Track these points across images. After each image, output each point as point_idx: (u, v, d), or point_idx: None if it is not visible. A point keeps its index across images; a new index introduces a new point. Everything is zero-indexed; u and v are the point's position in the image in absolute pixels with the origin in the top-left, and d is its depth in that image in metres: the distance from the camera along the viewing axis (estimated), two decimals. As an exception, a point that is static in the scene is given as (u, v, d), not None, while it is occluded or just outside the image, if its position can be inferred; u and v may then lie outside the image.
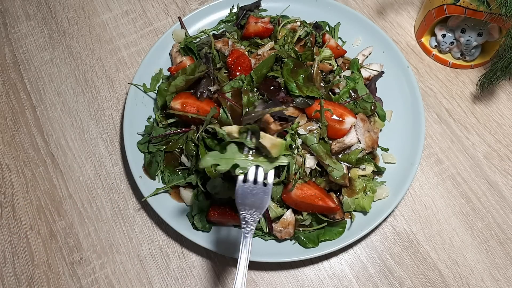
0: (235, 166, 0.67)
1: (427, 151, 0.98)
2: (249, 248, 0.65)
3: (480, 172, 0.96)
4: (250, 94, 0.86)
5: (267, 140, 0.69)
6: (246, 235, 0.66)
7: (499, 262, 0.89)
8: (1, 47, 1.15)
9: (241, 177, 0.69)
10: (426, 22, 1.03)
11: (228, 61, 0.92)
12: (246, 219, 0.67)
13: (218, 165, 0.67)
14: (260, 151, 0.70)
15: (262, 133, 0.69)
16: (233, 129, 0.69)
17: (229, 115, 0.86)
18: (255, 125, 0.70)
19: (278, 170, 0.83)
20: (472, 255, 0.90)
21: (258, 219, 0.67)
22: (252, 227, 0.66)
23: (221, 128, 0.69)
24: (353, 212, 0.88)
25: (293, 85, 0.86)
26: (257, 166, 0.70)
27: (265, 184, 0.69)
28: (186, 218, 0.90)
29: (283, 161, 0.71)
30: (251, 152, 0.70)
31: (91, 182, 1.00)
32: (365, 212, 0.88)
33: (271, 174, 0.70)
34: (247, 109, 0.83)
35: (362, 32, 1.04)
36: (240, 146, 0.70)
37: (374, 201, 0.88)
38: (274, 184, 0.84)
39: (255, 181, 0.69)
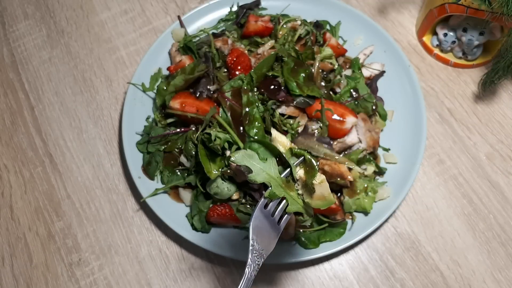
0: (267, 186, 0.58)
1: (428, 151, 0.98)
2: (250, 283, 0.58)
3: (482, 172, 0.95)
4: (250, 94, 0.85)
5: (322, 188, 0.59)
6: (253, 269, 0.59)
7: (501, 263, 0.89)
8: (0, 46, 1.14)
9: (264, 201, 0.61)
10: (427, 21, 1.02)
11: (228, 60, 0.92)
12: (255, 250, 0.59)
13: (249, 170, 0.59)
14: (298, 186, 0.61)
15: (323, 177, 0.60)
16: (284, 142, 0.63)
17: (228, 115, 0.85)
18: (313, 159, 0.61)
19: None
20: (474, 256, 0.89)
21: (262, 260, 0.60)
22: (258, 263, 0.60)
23: (270, 133, 0.62)
24: (354, 213, 0.88)
25: (293, 84, 0.86)
26: (283, 199, 0.61)
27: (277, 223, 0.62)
28: (185, 219, 0.89)
29: (309, 210, 0.60)
30: (290, 181, 0.61)
31: (89, 183, 0.99)
32: (366, 213, 0.88)
33: (287, 218, 0.62)
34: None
35: (363, 31, 1.03)
36: (284, 165, 0.61)
37: (375, 202, 0.88)
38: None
39: (272, 213, 0.61)
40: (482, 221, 0.92)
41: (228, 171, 0.83)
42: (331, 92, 0.92)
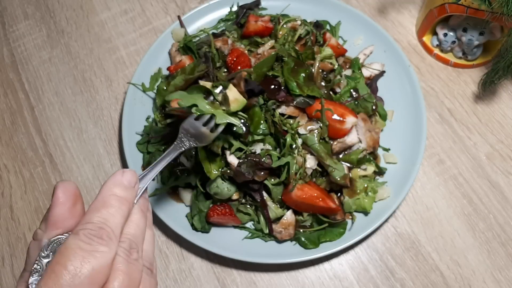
0: (194, 106, 0.71)
1: (428, 151, 0.98)
2: (170, 157, 0.63)
3: (482, 172, 0.95)
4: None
5: (233, 93, 0.74)
6: (177, 146, 0.66)
7: (501, 263, 0.89)
8: (0, 46, 1.14)
9: (194, 115, 0.72)
10: (427, 21, 1.02)
11: (228, 60, 0.92)
12: (182, 139, 0.68)
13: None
14: (221, 104, 0.75)
15: (231, 85, 0.75)
16: (207, 83, 0.77)
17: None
18: (227, 83, 0.77)
19: (279, 170, 0.83)
20: (474, 256, 0.89)
21: (192, 145, 0.68)
22: (185, 145, 0.67)
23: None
24: (354, 213, 0.88)
25: (293, 84, 0.86)
26: (212, 115, 0.73)
27: (211, 132, 0.72)
28: (185, 218, 0.89)
29: (236, 121, 0.74)
30: (214, 102, 0.75)
31: (89, 183, 0.99)
32: (366, 213, 0.88)
33: (220, 127, 0.73)
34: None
35: (363, 31, 1.03)
36: (207, 95, 0.76)
37: (375, 202, 0.87)
38: (274, 184, 0.84)
39: (205, 124, 0.72)
40: (482, 221, 0.92)
41: (228, 171, 0.83)
42: (331, 92, 0.92)
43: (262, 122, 0.82)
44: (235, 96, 0.75)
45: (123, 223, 0.48)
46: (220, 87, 0.76)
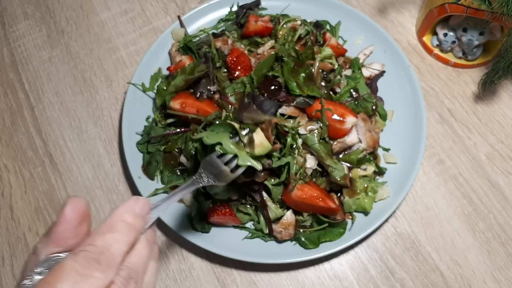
0: (219, 143, 0.71)
1: (428, 151, 0.98)
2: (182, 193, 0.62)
3: (482, 172, 0.95)
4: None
5: (259, 137, 0.73)
6: (196, 181, 0.65)
7: (500, 263, 0.89)
8: (0, 46, 1.14)
9: (217, 152, 0.71)
10: (427, 21, 1.02)
11: (228, 60, 0.92)
12: (202, 174, 0.67)
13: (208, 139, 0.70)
14: (245, 146, 0.74)
15: (258, 129, 0.74)
16: (236, 124, 0.75)
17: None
18: (255, 126, 0.75)
19: (279, 171, 0.83)
20: (474, 256, 0.89)
21: (210, 182, 0.67)
22: (203, 181, 0.66)
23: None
24: (354, 213, 0.88)
25: (293, 84, 0.86)
26: (235, 156, 0.72)
27: (231, 172, 0.71)
28: (185, 218, 0.89)
29: (258, 165, 0.72)
30: (239, 143, 0.74)
31: (89, 183, 0.99)
32: (366, 213, 0.88)
33: (241, 169, 0.71)
34: (245, 100, 0.86)
35: (363, 31, 1.03)
36: (234, 134, 0.75)
37: (375, 202, 0.87)
38: (274, 184, 0.84)
39: (226, 164, 0.71)
40: (482, 221, 0.92)
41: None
42: (331, 92, 0.92)
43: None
44: (261, 140, 0.74)
45: (127, 251, 0.46)
46: (247, 129, 0.75)
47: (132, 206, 0.49)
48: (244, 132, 0.75)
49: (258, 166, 0.72)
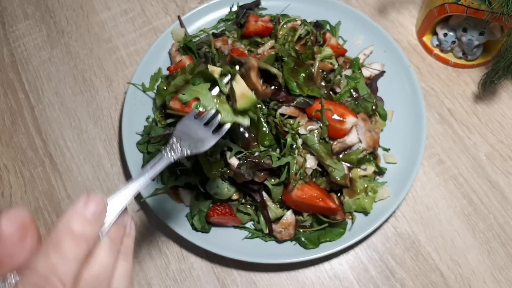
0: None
1: (428, 151, 0.98)
2: (154, 171, 0.54)
3: (482, 172, 0.95)
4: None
5: (240, 86, 0.63)
6: (165, 156, 0.56)
7: (500, 263, 0.89)
8: (0, 46, 1.14)
9: (194, 112, 0.62)
10: (427, 21, 1.02)
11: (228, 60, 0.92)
12: (173, 145, 0.58)
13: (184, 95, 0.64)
14: (229, 99, 0.64)
15: (238, 76, 0.64)
16: (216, 69, 0.65)
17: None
18: (236, 69, 0.65)
19: (279, 171, 0.83)
20: (474, 256, 0.89)
21: (185, 153, 0.58)
22: (176, 153, 0.57)
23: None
24: (354, 213, 0.88)
25: (293, 84, 0.86)
26: (217, 112, 0.63)
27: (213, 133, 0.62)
28: (185, 219, 0.89)
29: (244, 120, 0.63)
30: (220, 96, 0.64)
31: (89, 183, 0.99)
32: (366, 213, 0.88)
33: (226, 126, 0.63)
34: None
35: (363, 31, 1.03)
36: (213, 86, 0.65)
37: (375, 202, 0.87)
38: (273, 184, 0.84)
39: (206, 123, 0.62)
40: (482, 221, 0.92)
41: (228, 171, 0.83)
42: (331, 92, 0.92)
43: (267, 132, 0.82)
44: (242, 90, 0.63)
45: (79, 266, 0.39)
46: (229, 76, 0.65)
47: (80, 211, 0.41)
48: (225, 80, 0.65)
49: (245, 122, 0.63)
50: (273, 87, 0.86)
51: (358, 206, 0.86)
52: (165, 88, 0.93)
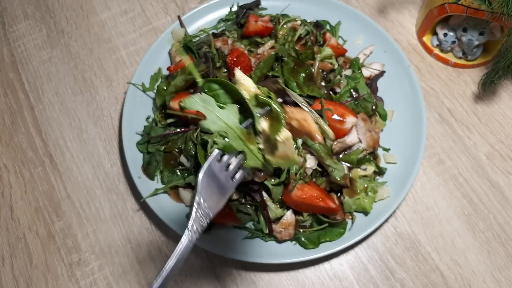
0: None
1: (428, 151, 0.98)
2: (182, 254, 0.52)
3: (482, 172, 0.95)
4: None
5: (286, 145, 0.50)
6: (188, 236, 0.52)
7: (500, 263, 0.89)
8: (0, 46, 1.14)
9: (217, 153, 0.53)
10: (427, 21, 1.02)
11: (228, 60, 0.92)
12: (200, 209, 0.53)
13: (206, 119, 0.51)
14: (260, 140, 0.53)
15: (287, 132, 0.51)
16: (249, 87, 0.52)
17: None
18: (279, 105, 0.52)
19: (279, 171, 0.83)
20: (474, 256, 0.89)
21: (205, 224, 0.53)
22: (202, 225, 0.53)
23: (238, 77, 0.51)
24: (354, 213, 0.88)
25: (293, 84, 0.86)
26: (240, 153, 0.53)
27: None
28: (185, 219, 0.89)
29: (270, 168, 0.53)
30: (250, 133, 0.52)
31: (89, 183, 0.99)
32: (366, 213, 0.88)
33: (242, 174, 0.54)
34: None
35: (363, 31, 1.03)
36: (244, 114, 0.52)
37: (375, 202, 0.87)
38: (274, 184, 0.84)
39: (227, 168, 0.54)
40: (482, 221, 0.92)
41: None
42: (331, 92, 0.92)
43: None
44: (287, 151, 0.51)
45: None
46: (267, 108, 0.50)
47: None
48: (259, 112, 0.51)
49: (270, 169, 0.53)
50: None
51: (358, 206, 0.86)
52: (165, 88, 0.93)
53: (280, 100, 0.54)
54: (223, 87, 0.52)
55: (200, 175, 0.52)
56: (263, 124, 0.51)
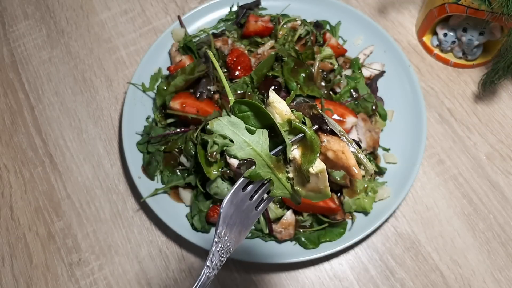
0: (252, 163, 0.47)
1: (428, 151, 0.98)
2: None
3: (482, 172, 0.95)
4: (256, 98, 0.85)
5: (318, 178, 0.47)
6: (209, 272, 0.48)
7: (500, 263, 0.89)
8: (0, 46, 1.14)
9: (242, 180, 0.48)
10: (427, 21, 1.02)
11: (228, 60, 0.92)
12: (221, 244, 0.49)
13: (230, 143, 0.46)
14: (289, 168, 0.48)
15: (322, 165, 0.47)
16: (283, 111, 0.47)
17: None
18: (314, 133, 0.47)
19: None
20: (474, 256, 0.89)
21: (224, 259, 0.50)
22: (222, 260, 0.49)
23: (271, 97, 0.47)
24: (354, 213, 0.88)
25: (293, 84, 0.86)
26: (268, 182, 0.48)
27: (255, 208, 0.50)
28: (185, 219, 0.89)
29: (297, 197, 0.48)
30: (280, 160, 0.47)
31: (89, 183, 0.99)
32: (366, 213, 0.88)
33: (267, 202, 0.50)
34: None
35: (363, 31, 1.03)
36: (274, 140, 0.48)
37: (375, 202, 0.88)
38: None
39: (251, 197, 0.49)
40: (482, 221, 0.92)
41: (228, 171, 0.83)
42: (331, 92, 0.92)
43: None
44: (319, 184, 0.47)
45: None
46: (300, 135, 0.46)
47: None
48: (292, 139, 0.47)
49: (298, 200, 0.49)
50: (272, 87, 0.87)
51: (358, 206, 0.86)
52: (165, 88, 0.93)
53: (315, 127, 0.48)
54: (254, 109, 0.48)
55: (224, 204, 0.48)
56: (295, 153, 0.47)
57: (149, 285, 0.90)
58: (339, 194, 0.88)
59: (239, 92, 0.88)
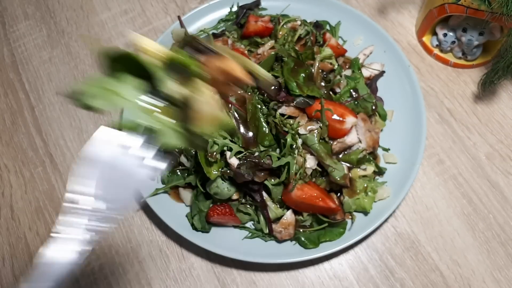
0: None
1: (428, 151, 0.98)
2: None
3: (481, 172, 0.96)
4: (256, 98, 0.85)
5: (206, 100, 0.40)
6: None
7: (500, 263, 0.89)
8: (0, 47, 1.14)
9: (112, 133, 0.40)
10: (427, 21, 1.02)
11: (228, 60, 0.91)
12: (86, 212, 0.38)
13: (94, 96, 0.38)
14: (178, 109, 0.40)
15: (201, 82, 0.40)
16: (154, 55, 0.41)
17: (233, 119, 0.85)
18: (193, 61, 0.40)
19: (279, 171, 0.83)
20: (474, 256, 0.89)
21: (109, 225, 0.39)
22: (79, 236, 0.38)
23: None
24: (354, 213, 0.88)
25: (293, 84, 0.86)
26: (150, 135, 0.40)
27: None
28: (185, 218, 0.89)
29: (204, 142, 0.41)
30: (159, 103, 0.40)
31: (90, 183, 0.99)
32: (366, 213, 0.88)
33: (157, 156, 0.40)
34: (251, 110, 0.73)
35: (363, 31, 1.03)
36: (150, 82, 0.40)
37: (375, 202, 0.88)
38: (273, 184, 0.84)
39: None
40: (482, 221, 0.92)
41: (228, 171, 0.83)
42: (331, 92, 0.92)
43: (267, 132, 0.81)
44: (211, 107, 0.40)
45: None
46: (177, 68, 0.40)
47: None
48: (170, 73, 0.40)
49: (200, 143, 0.41)
50: (273, 87, 0.87)
51: (358, 206, 0.86)
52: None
53: (189, 50, 0.42)
54: (124, 62, 0.41)
55: (79, 166, 0.37)
56: (171, 86, 0.40)
57: (149, 285, 0.90)
58: (339, 194, 0.88)
59: (238, 92, 0.87)
